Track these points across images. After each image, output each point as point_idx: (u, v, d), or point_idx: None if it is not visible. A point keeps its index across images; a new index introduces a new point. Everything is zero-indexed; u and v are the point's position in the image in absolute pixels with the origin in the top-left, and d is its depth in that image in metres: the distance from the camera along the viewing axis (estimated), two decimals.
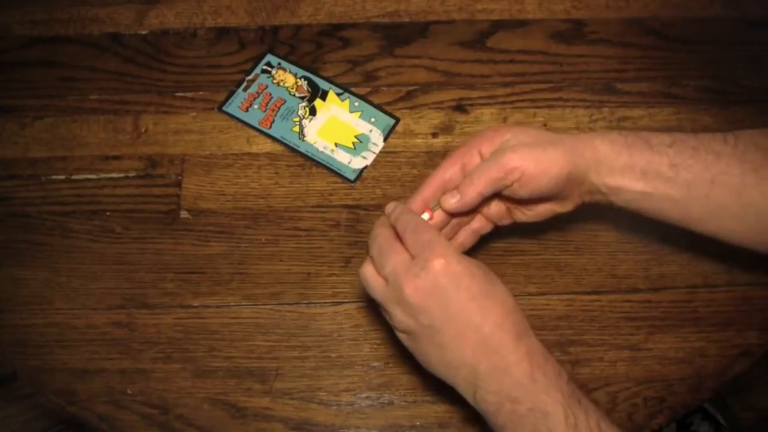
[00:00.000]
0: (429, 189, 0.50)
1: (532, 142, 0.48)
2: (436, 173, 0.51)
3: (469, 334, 0.43)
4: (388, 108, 0.67)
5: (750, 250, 0.50)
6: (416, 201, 0.50)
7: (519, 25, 0.71)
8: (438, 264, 0.43)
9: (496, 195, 0.50)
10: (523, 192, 0.48)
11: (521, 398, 0.41)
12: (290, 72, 0.69)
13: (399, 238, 0.47)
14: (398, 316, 0.45)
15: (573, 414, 0.40)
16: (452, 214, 0.50)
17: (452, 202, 0.49)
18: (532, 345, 0.43)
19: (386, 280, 0.46)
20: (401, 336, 0.47)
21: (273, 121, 0.66)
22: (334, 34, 0.71)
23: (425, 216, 0.50)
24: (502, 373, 0.42)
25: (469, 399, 0.44)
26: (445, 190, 0.50)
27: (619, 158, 0.48)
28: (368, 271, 0.47)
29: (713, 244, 0.60)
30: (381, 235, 0.47)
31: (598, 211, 0.61)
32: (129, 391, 0.55)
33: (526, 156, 0.47)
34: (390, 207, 0.49)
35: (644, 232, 0.60)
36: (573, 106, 0.67)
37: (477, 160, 0.50)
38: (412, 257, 0.45)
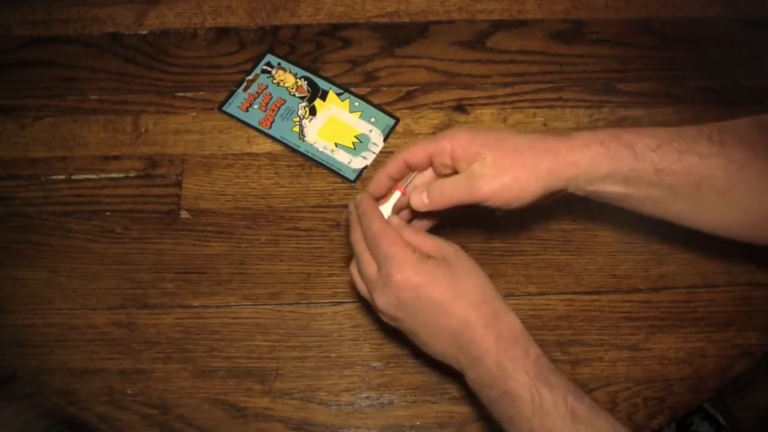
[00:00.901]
0: (395, 166, 0.51)
1: (506, 166, 0.47)
2: (403, 154, 0.50)
3: (442, 334, 0.45)
4: (388, 108, 0.67)
5: (741, 243, 0.50)
6: (382, 176, 0.51)
7: (519, 25, 0.71)
8: (397, 279, 0.45)
9: None
10: (493, 206, 0.48)
11: (493, 384, 0.43)
12: (290, 72, 0.69)
13: None
14: (384, 317, 0.48)
15: (538, 393, 0.41)
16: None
17: (420, 203, 0.49)
18: (501, 330, 0.44)
19: (366, 285, 0.48)
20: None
21: (273, 121, 0.66)
22: (334, 34, 0.71)
23: (396, 195, 0.50)
24: (475, 363, 0.44)
25: (463, 374, 0.47)
26: (410, 169, 0.51)
27: (600, 170, 0.47)
28: (353, 271, 0.50)
29: (713, 244, 0.60)
30: (355, 243, 0.49)
31: (598, 211, 0.61)
32: (129, 392, 0.55)
33: (497, 188, 0.46)
34: (351, 206, 0.50)
35: (644, 232, 0.60)
36: (573, 107, 0.67)
37: (447, 161, 0.49)
38: (378, 270, 0.47)
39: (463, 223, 0.60)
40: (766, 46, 0.70)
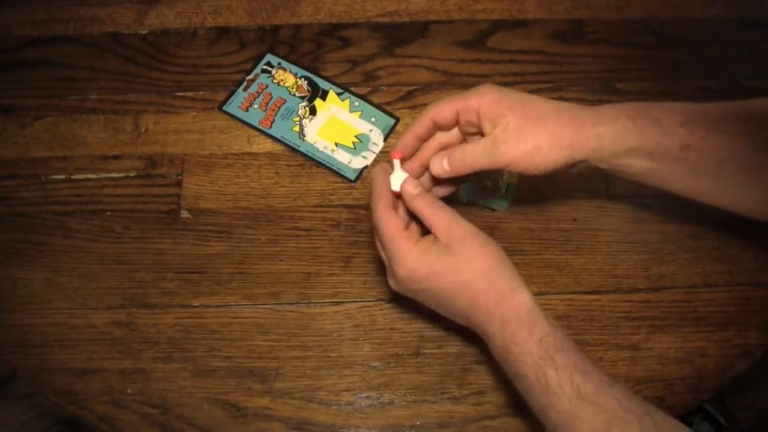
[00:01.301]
0: (422, 125, 0.51)
1: (528, 134, 0.46)
2: (431, 112, 0.50)
3: (456, 314, 0.48)
4: (388, 108, 0.67)
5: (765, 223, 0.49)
6: (409, 137, 0.51)
7: (519, 25, 0.71)
8: (402, 275, 0.47)
9: None
10: (514, 172, 0.49)
11: (505, 365, 0.45)
12: (290, 72, 0.69)
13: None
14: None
15: (543, 375, 0.42)
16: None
17: (441, 170, 0.50)
18: (504, 313, 0.44)
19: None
20: None
21: (273, 120, 0.66)
22: (335, 33, 0.71)
23: (397, 162, 0.50)
24: (489, 340, 0.46)
25: None
26: (437, 128, 0.51)
27: (625, 143, 0.46)
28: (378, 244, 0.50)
29: (714, 244, 0.60)
30: (376, 222, 0.48)
31: (598, 211, 0.61)
32: (129, 391, 0.55)
33: (519, 154, 0.47)
34: (372, 176, 0.50)
35: (644, 232, 0.60)
36: None
37: (473, 118, 0.49)
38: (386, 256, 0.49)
39: None
40: (766, 46, 0.70)
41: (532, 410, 0.44)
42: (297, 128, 0.66)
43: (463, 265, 0.46)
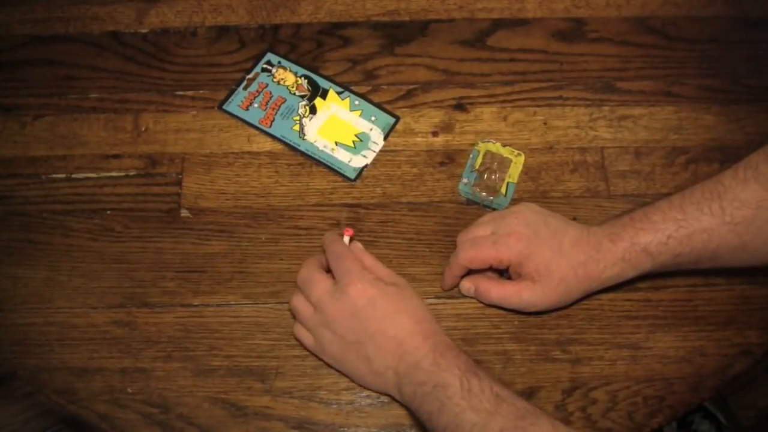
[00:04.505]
0: (458, 270, 0.57)
1: (551, 294, 0.54)
2: (461, 260, 0.56)
3: (388, 344, 0.51)
4: (388, 107, 0.67)
5: None
6: (450, 279, 0.58)
7: (519, 23, 0.71)
8: (355, 289, 0.52)
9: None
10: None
11: (427, 381, 0.48)
12: (290, 71, 0.69)
13: (327, 268, 0.55)
14: (327, 338, 0.53)
15: (467, 380, 0.47)
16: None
17: (467, 293, 0.58)
18: (438, 341, 0.51)
19: (314, 307, 0.53)
20: (332, 360, 0.54)
21: (273, 119, 0.66)
22: (335, 32, 0.71)
23: (347, 238, 0.57)
24: (414, 368, 0.50)
25: (398, 398, 0.52)
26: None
27: (626, 277, 0.54)
28: (299, 301, 0.55)
29: None
30: (306, 268, 0.55)
31: (598, 211, 0.61)
32: (129, 390, 0.55)
33: (544, 305, 0.55)
34: (325, 237, 0.57)
35: None
36: (573, 105, 0.67)
37: (503, 267, 0.55)
38: (335, 282, 0.53)
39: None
40: (767, 44, 0.70)
41: (437, 423, 0.47)
42: (297, 127, 0.66)
43: (406, 298, 0.53)
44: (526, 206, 0.57)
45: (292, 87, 0.68)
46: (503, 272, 0.58)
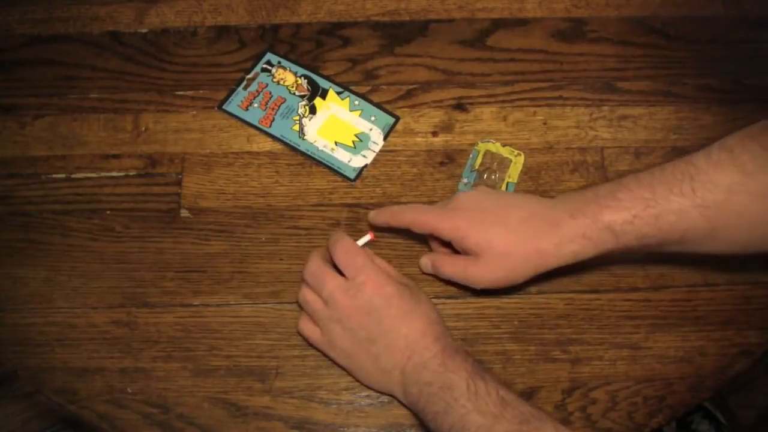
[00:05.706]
0: (395, 223, 0.57)
1: (496, 267, 0.53)
2: (409, 218, 0.56)
3: (398, 343, 0.51)
4: (388, 106, 0.67)
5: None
6: (384, 217, 0.57)
7: (519, 23, 0.71)
8: (372, 287, 0.52)
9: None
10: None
11: (434, 381, 0.48)
12: (290, 70, 0.69)
13: (331, 262, 0.55)
14: (338, 333, 0.53)
15: (474, 383, 0.47)
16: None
17: (425, 268, 0.58)
18: (447, 344, 0.51)
19: (326, 302, 0.53)
20: (339, 356, 0.54)
21: (273, 119, 0.66)
22: (334, 32, 0.71)
23: (367, 237, 0.57)
24: (421, 368, 0.50)
25: (402, 398, 0.52)
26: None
27: (585, 256, 0.51)
28: (309, 294, 0.54)
29: None
30: (313, 261, 0.54)
31: None
32: (129, 390, 0.55)
33: (490, 280, 0.54)
34: (333, 234, 0.56)
35: None
36: (573, 105, 0.67)
37: (444, 239, 0.55)
38: (347, 279, 0.52)
39: None
40: (767, 44, 0.70)
41: (441, 424, 0.47)
42: (297, 127, 0.66)
43: (419, 301, 0.53)
44: (484, 188, 0.57)
45: (292, 87, 0.68)
46: None
